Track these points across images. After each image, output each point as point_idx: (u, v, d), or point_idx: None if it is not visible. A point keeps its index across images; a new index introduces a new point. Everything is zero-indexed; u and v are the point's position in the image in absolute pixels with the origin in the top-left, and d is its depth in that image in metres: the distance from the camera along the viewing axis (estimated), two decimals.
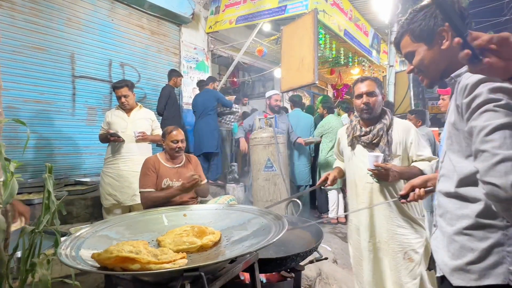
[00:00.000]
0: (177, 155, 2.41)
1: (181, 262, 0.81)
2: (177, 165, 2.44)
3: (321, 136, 4.29)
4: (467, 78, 0.79)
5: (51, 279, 1.36)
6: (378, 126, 1.75)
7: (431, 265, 1.07)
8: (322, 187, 1.99)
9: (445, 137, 0.92)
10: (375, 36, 7.07)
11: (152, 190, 2.29)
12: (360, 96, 1.77)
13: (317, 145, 4.43)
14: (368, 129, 1.77)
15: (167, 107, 4.22)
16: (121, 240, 0.97)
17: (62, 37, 3.78)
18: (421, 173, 1.62)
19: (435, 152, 3.35)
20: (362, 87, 1.76)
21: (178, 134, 2.38)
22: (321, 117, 4.54)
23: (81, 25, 3.97)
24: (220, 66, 7.85)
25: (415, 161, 1.74)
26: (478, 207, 0.83)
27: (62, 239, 1.11)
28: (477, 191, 0.82)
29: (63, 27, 3.79)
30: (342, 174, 2.04)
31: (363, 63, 7.66)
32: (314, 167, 4.57)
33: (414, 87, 7.33)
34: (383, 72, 8.08)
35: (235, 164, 5.60)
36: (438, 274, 0.94)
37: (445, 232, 0.92)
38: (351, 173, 1.90)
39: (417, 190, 1.25)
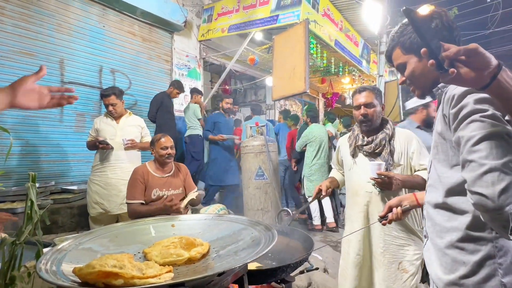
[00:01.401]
0: (167, 162, 2.38)
1: (167, 276, 0.78)
2: (167, 175, 2.41)
3: (306, 145, 4.38)
4: (454, 88, 0.80)
5: None
6: (381, 136, 1.75)
7: (424, 277, 1.07)
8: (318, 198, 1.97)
9: (432, 146, 0.93)
10: (365, 47, 7.20)
11: (140, 202, 2.26)
12: (358, 107, 1.77)
13: (301, 153, 4.53)
14: (370, 139, 1.76)
15: (160, 114, 4.17)
16: (105, 253, 0.93)
17: (52, 42, 3.74)
18: (424, 182, 1.60)
19: None
20: (360, 98, 1.76)
21: (167, 141, 2.36)
22: (306, 125, 4.68)
23: (71, 30, 3.93)
24: (212, 74, 7.86)
25: (418, 170, 1.73)
26: (466, 219, 0.83)
27: (45, 250, 1.07)
28: (464, 202, 0.83)
29: (53, 32, 3.75)
30: (335, 184, 2.02)
31: (354, 73, 7.78)
32: (299, 176, 4.68)
33: (403, 97, 7.47)
34: (373, 81, 8.21)
35: None
36: None
37: (436, 245, 0.92)
38: (352, 182, 1.87)
39: (394, 209, 1.28)
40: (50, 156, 3.71)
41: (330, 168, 4.48)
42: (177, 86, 4.35)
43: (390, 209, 1.30)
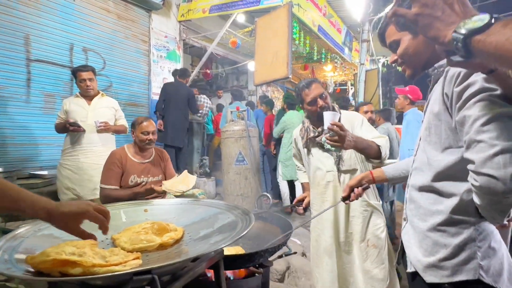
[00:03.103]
0: (147, 148, 2.26)
1: (133, 264, 0.72)
2: (146, 160, 2.30)
3: (283, 132, 4.42)
4: None
5: None
6: None
7: (399, 259, 1.07)
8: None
9: (423, 128, 0.90)
10: (348, 34, 7.19)
11: (115, 187, 2.15)
12: (314, 101, 1.72)
13: (278, 140, 4.59)
14: (320, 129, 1.75)
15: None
16: (67, 240, 0.86)
17: (16, 16, 3.43)
18: (376, 145, 1.60)
19: (397, 147, 3.48)
20: (313, 92, 1.72)
21: (149, 125, 2.22)
22: (284, 111, 4.71)
23: (38, 3, 3.62)
24: (193, 57, 7.61)
25: None
26: (452, 202, 0.82)
27: None
28: (453, 186, 0.81)
29: (17, 4, 3.44)
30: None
31: (336, 60, 7.78)
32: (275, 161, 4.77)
33: (383, 86, 7.58)
34: (354, 69, 8.27)
35: (207, 157, 5.49)
36: (410, 270, 0.93)
37: (417, 228, 0.90)
38: (311, 174, 1.90)
39: (355, 189, 1.35)
40: (16, 139, 3.47)
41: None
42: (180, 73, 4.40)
43: (351, 190, 1.36)
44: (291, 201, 4.47)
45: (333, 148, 1.56)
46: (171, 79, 5.27)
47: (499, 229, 0.87)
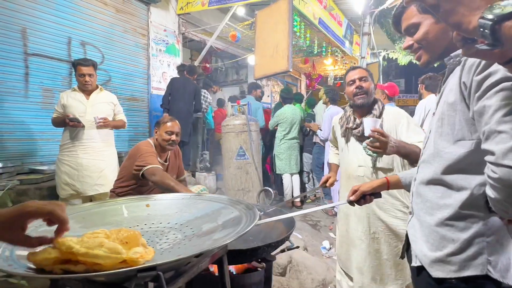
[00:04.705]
0: (169, 148, 2.20)
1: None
2: (165, 159, 2.27)
3: (277, 125, 4.52)
4: None
5: None
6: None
7: (403, 253, 1.06)
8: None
9: (435, 119, 0.87)
10: (349, 27, 7.11)
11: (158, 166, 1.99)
12: (353, 82, 1.74)
13: (273, 133, 4.66)
14: (359, 121, 1.73)
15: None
16: (70, 237, 0.84)
17: (12, 9, 3.37)
18: (420, 150, 1.54)
19: None
20: (354, 75, 1.74)
21: (174, 125, 2.18)
22: (281, 105, 4.79)
23: None
24: (192, 51, 7.54)
25: None
26: (462, 196, 0.80)
27: None
28: (464, 179, 0.79)
29: None
30: (336, 169, 2.07)
31: (336, 54, 7.71)
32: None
33: (383, 80, 7.53)
34: (354, 63, 8.20)
35: (207, 152, 5.47)
36: (415, 264, 0.92)
37: (424, 222, 0.88)
38: (344, 164, 1.88)
39: (367, 197, 1.29)
40: (15, 134, 3.44)
41: (300, 148, 4.62)
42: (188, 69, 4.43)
43: (362, 195, 1.29)
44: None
45: (374, 154, 1.50)
46: (170, 73, 5.23)
47: (507, 224, 0.86)
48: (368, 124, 1.52)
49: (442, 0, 0.52)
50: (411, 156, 1.52)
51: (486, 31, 0.47)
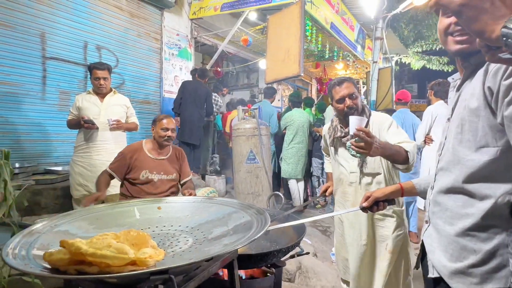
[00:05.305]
0: (166, 144, 2.31)
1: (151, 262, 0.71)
2: (162, 157, 2.32)
3: (285, 128, 4.53)
4: None
5: (8, 276, 1.23)
6: None
7: (418, 263, 1.03)
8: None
9: (454, 125, 0.84)
10: (361, 31, 7.07)
11: (110, 174, 2.26)
12: (342, 99, 1.71)
13: (281, 136, 4.66)
14: (347, 130, 1.72)
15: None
16: (83, 237, 0.85)
17: (31, 14, 3.49)
18: (405, 151, 1.52)
19: None
20: (342, 91, 1.71)
21: (169, 122, 2.29)
22: (290, 109, 4.80)
23: (52, 2, 3.67)
24: (204, 55, 7.62)
25: None
26: (485, 205, 0.76)
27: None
28: (488, 188, 0.76)
29: (32, 3, 3.49)
30: None
31: (348, 58, 7.66)
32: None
33: (395, 85, 7.43)
34: (366, 68, 8.13)
35: (217, 155, 5.49)
36: (432, 275, 0.89)
37: (442, 231, 0.86)
38: (336, 172, 1.90)
39: (381, 204, 1.28)
40: (31, 135, 3.54)
41: (308, 153, 4.59)
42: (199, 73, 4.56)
43: (375, 201, 1.27)
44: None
45: (358, 155, 1.47)
46: (182, 77, 5.29)
47: None
48: (354, 122, 1.46)
49: (465, 6, 0.51)
50: (395, 157, 1.51)
51: (509, 40, 0.46)
